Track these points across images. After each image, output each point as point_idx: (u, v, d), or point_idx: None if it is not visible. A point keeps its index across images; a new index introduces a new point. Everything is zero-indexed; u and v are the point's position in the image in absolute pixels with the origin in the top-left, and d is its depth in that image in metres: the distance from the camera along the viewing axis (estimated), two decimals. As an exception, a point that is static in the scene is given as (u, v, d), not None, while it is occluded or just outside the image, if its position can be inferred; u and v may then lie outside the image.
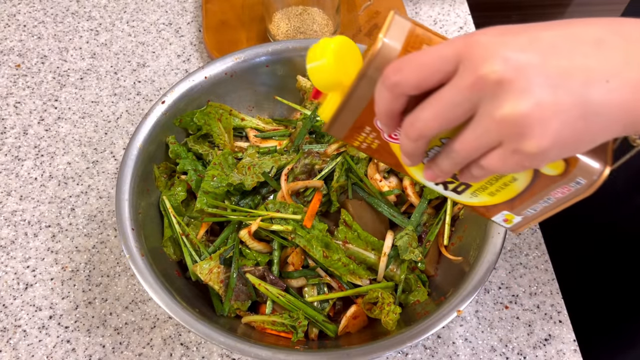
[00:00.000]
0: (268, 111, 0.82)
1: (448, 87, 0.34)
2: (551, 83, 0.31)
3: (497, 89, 0.32)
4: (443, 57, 0.34)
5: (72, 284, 0.73)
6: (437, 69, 0.34)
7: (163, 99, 0.71)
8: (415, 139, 0.36)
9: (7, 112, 0.89)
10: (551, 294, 0.72)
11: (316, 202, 0.67)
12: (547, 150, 0.32)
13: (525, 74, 0.31)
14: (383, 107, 0.37)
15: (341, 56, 0.39)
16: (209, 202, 0.67)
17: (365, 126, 0.42)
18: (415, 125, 0.35)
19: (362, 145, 0.44)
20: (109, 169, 0.83)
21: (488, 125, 0.33)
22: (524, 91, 0.31)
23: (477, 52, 0.32)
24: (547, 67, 0.32)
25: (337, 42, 0.39)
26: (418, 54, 0.35)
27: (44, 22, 1.01)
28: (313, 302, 0.65)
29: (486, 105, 0.33)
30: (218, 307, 0.64)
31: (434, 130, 0.35)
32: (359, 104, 0.40)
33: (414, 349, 0.68)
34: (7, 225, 0.77)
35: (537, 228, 0.77)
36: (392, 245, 0.65)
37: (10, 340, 0.68)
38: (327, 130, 0.43)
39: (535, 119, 0.31)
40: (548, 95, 0.31)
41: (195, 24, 1.01)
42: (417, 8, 1.02)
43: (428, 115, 0.35)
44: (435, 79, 0.34)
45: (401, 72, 0.34)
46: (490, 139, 0.34)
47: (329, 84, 0.40)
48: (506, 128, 0.32)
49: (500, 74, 0.31)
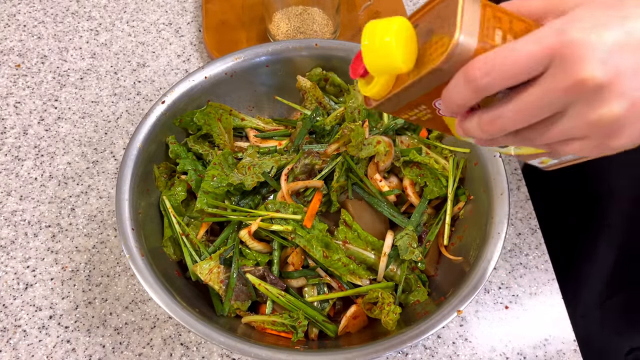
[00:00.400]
0: (268, 111, 0.82)
1: (538, 87, 0.33)
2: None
3: (595, 94, 0.31)
4: (534, 57, 0.32)
5: (72, 284, 0.73)
6: (528, 70, 0.33)
7: (163, 99, 0.71)
8: (494, 134, 0.36)
9: (7, 112, 0.89)
10: (551, 294, 0.72)
11: (316, 202, 0.67)
12: (630, 144, 0.34)
13: (623, 78, 0.31)
14: (459, 101, 0.36)
15: (401, 41, 0.36)
16: (209, 202, 0.67)
17: (421, 105, 0.41)
18: (497, 123, 0.35)
19: (410, 118, 0.44)
20: (109, 169, 0.83)
21: (580, 124, 0.33)
22: (621, 95, 0.31)
23: (573, 53, 0.31)
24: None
25: (398, 23, 0.37)
26: (507, 52, 0.33)
27: (44, 22, 1.01)
28: (313, 302, 0.65)
29: (580, 107, 0.32)
30: (218, 307, 0.64)
31: (516, 127, 0.35)
32: (419, 90, 0.39)
33: (414, 349, 0.68)
34: (7, 225, 0.77)
35: (537, 228, 0.77)
36: (392, 245, 0.65)
37: (10, 340, 0.68)
38: (376, 108, 0.43)
39: (627, 121, 0.32)
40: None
41: (195, 24, 1.01)
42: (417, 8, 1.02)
43: (513, 115, 0.34)
44: (524, 79, 0.33)
45: (490, 75, 0.33)
46: (577, 135, 0.34)
47: (382, 68, 0.38)
48: (599, 128, 0.33)
49: (599, 80, 0.31)
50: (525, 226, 0.78)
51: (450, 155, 0.72)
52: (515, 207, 0.79)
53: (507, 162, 0.83)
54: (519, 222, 0.78)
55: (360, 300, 0.65)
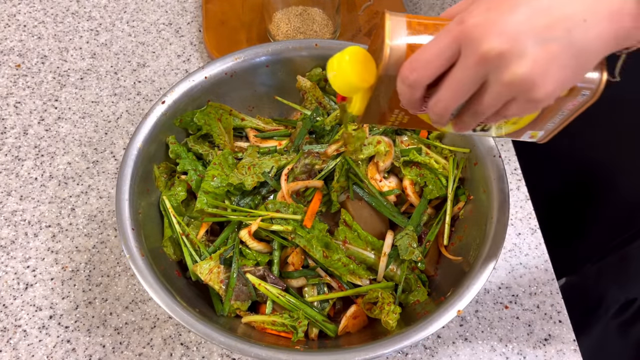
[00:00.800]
0: (268, 111, 0.82)
1: (457, 68, 0.40)
2: (540, 40, 0.37)
3: (499, 60, 0.38)
4: (446, 46, 0.39)
5: (72, 284, 0.73)
6: (444, 58, 0.40)
7: (163, 99, 0.71)
8: (444, 115, 0.43)
9: (7, 112, 0.89)
10: (551, 294, 0.72)
11: (316, 202, 0.67)
12: (553, 92, 0.39)
13: (518, 41, 0.37)
14: (407, 98, 0.43)
15: (355, 65, 0.45)
16: (209, 202, 0.67)
17: (394, 109, 0.48)
18: (439, 105, 0.42)
19: (395, 123, 0.51)
20: (109, 169, 0.83)
21: (500, 89, 0.39)
22: (521, 55, 0.37)
23: (473, 35, 0.38)
24: (533, 29, 0.37)
25: (350, 53, 0.45)
26: (424, 50, 0.40)
27: (44, 22, 1.01)
28: (313, 302, 0.65)
29: (494, 74, 0.39)
30: (218, 307, 0.64)
31: (454, 105, 0.42)
32: (384, 97, 0.46)
33: (414, 349, 0.68)
34: (7, 225, 0.77)
35: (537, 228, 0.77)
36: (392, 245, 0.65)
37: (11, 340, 0.68)
38: (362, 122, 0.50)
39: (536, 74, 0.38)
40: (540, 51, 0.37)
41: (195, 24, 1.01)
42: (417, 8, 1.02)
43: (447, 95, 0.41)
44: (445, 66, 0.40)
45: (415, 71, 0.40)
46: (505, 98, 0.40)
47: (349, 90, 0.47)
48: (516, 87, 0.38)
49: (498, 48, 0.37)
50: (525, 226, 0.78)
51: (450, 155, 0.72)
52: (515, 207, 0.79)
53: (507, 162, 0.83)
54: (519, 222, 0.78)
55: (360, 300, 0.65)
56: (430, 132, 0.75)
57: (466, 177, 0.71)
